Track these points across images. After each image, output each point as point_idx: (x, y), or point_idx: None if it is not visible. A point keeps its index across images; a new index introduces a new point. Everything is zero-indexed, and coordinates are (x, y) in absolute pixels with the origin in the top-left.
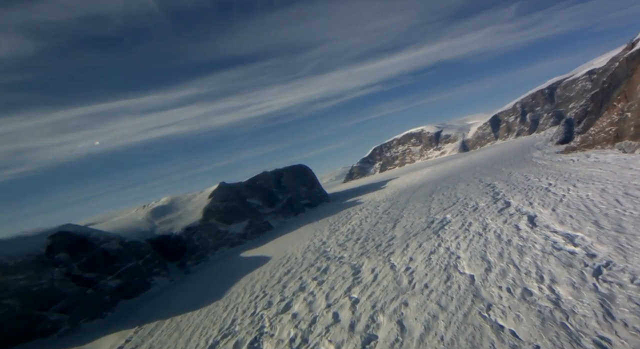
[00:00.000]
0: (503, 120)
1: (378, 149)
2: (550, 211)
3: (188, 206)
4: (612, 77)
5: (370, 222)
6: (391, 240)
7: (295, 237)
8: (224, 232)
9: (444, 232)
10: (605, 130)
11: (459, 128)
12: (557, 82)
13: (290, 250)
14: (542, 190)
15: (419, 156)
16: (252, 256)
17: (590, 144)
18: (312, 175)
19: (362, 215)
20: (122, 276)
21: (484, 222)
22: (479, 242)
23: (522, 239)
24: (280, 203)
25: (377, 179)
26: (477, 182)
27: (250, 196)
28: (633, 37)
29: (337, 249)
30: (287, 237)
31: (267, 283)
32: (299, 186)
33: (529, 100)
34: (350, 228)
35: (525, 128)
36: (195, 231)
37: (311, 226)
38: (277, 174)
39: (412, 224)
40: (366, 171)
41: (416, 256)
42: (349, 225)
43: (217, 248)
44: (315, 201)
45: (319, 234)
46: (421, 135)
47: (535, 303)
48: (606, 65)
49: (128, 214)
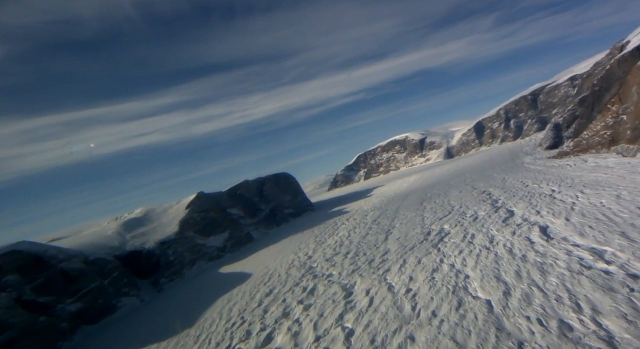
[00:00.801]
0: (487, 126)
1: (362, 156)
2: (563, 220)
3: (163, 218)
4: (604, 80)
5: (359, 234)
6: (385, 254)
7: (279, 251)
8: (201, 245)
9: (445, 246)
10: (599, 134)
11: (443, 135)
12: (540, 88)
13: (273, 265)
14: (547, 197)
15: (404, 163)
16: (231, 272)
17: (584, 149)
18: (295, 183)
19: (349, 225)
20: (83, 299)
21: (489, 234)
22: (488, 258)
23: (540, 254)
24: (262, 213)
25: (362, 186)
26: (470, 189)
27: (230, 206)
28: (622, 40)
29: (325, 264)
30: (270, 250)
31: (246, 306)
32: (282, 194)
33: (512, 106)
34: (337, 240)
35: (510, 134)
36: (170, 245)
37: (295, 237)
38: (259, 182)
39: (407, 236)
40: (350, 178)
41: (416, 274)
42: (336, 237)
43: (194, 263)
44: (299, 211)
45: (304, 247)
46: (405, 142)
47: (582, 343)
48: (590, 70)
49: (99, 227)
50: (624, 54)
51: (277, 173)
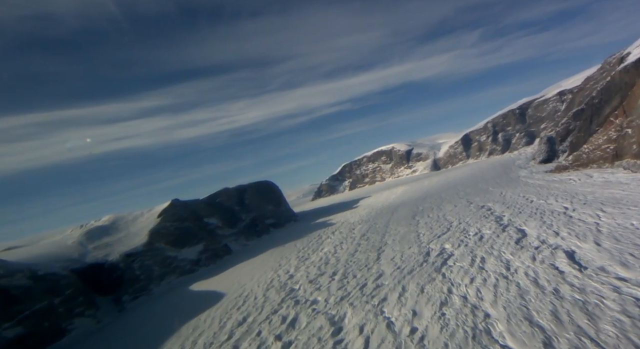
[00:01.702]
0: (474, 139)
1: (348, 166)
2: (592, 245)
3: (132, 227)
4: (603, 92)
5: (347, 250)
6: (379, 278)
7: (257, 266)
8: (172, 258)
9: (450, 271)
10: (601, 148)
11: (430, 146)
12: (528, 102)
13: (250, 285)
14: (561, 215)
15: (390, 174)
16: (203, 291)
17: (584, 163)
18: (278, 192)
19: (335, 240)
20: (25, 322)
21: (503, 259)
22: (509, 291)
23: (577, 289)
24: (242, 223)
25: (347, 197)
26: (466, 204)
27: (208, 215)
28: (621, 51)
29: (309, 287)
30: (248, 266)
31: (213, 338)
32: (264, 204)
33: (500, 119)
34: (322, 257)
35: (498, 148)
36: (138, 257)
37: (276, 251)
38: (240, 190)
39: (402, 256)
40: (335, 188)
41: (421, 307)
42: (320, 253)
43: (163, 278)
44: (281, 221)
45: (285, 263)
46: (392, 153)
47: None
48: (581, 85)
49: (60, 237)
50: (626, 65)
51: (259, 181)
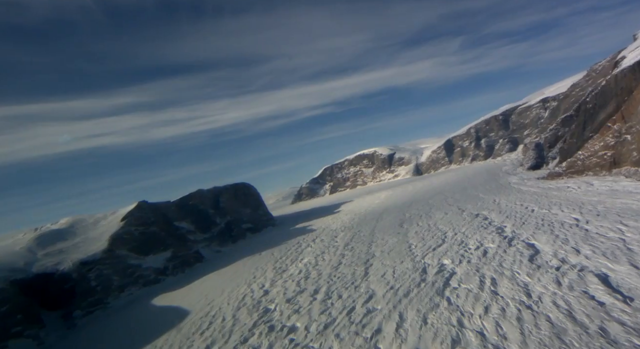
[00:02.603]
0: (457, 144)
1: (329, 169)
2: (629, 268)
3: (92, 231)
4: (598, 97)
5: (329, 263)
6: (370, 301)
7: (229, 278)
8: (135, 266)
9: (457, 295)
10: (598, 154)
11: (412, 151)
12: (511, 109)
13: (219, 301)
14: (573, 228)
15: (371, 178)
16: (166, 307)
17: (579, 170)
18: (256, 195)
19: (316, 249)
20: None
21: (519, 281)
22: (540, 329)
23: (632, 330)
24: (217, 228)
25: (328, 201)
26: (458, 211)
27: (179, 219)
28: (615, 56)
29: (286, 308)
30: (219, 276)
31: None
32: (240, 207)
33: (482, 125)
34: (302, 269)
35: (481, 153)
36: (95, 266)
37: (252, 259)
38: (216, 193)
39: (395, 273)
40: (316, 192)
41: (427, 346)
42: (300, 264)
43: (124, 289)
44: (259, 226)
45: (261, 275)
46: (374, 156)
47: None
48: (566, 92)
49: (10, 241)
50: (622, 69)
51: (236, 183)
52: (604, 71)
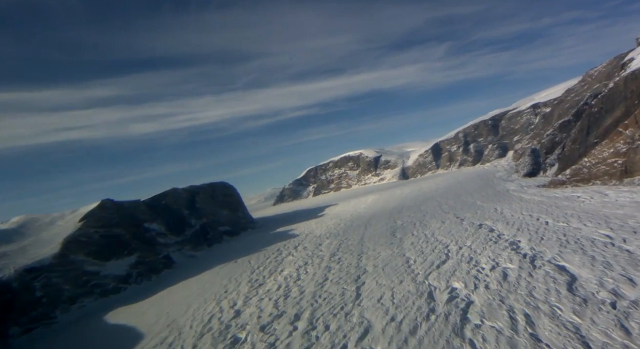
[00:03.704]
0: (445, 149)
1: (313, 171)
2: None
3: (44, 233)
4: (605, 101)
5: (313, 277)
6: (365, 338)
7: (198, 290)
8: (92, 274)
9: (483, 339)
10: (607, 162)
11: (398, 154)
12: (500, 114)
13: (181, 321)
14: (609, 247)
15: (356, 181)
16: (119, 325)
17: (585, 179)
18: (236, 196)
19: (298, 258)
20: None
21: (566, 322)
22: None
23: None
24: (191, 230)
25: (311, 204)
26: (456, 220)
27: (149, 220)
28: (613, 62)
29: (259, 340)
30: (187, 287)
31: None
32: (218, 208)
33: (471, 130)
34: (282, 284)
35: (469, 159)
36: (42, 274)
37: (226, 268)
38: (192, 192)
39: (394, 297)
40: (299, 193)
41: None
42: (279, 277)
43: (76, 301)
44: (237, 228)
45: (234, 289)
46: (359, 159)
47: None
48: (561, 97)
49: None
50: (633, 71)
51: (214, 182)
52: (600, 76)
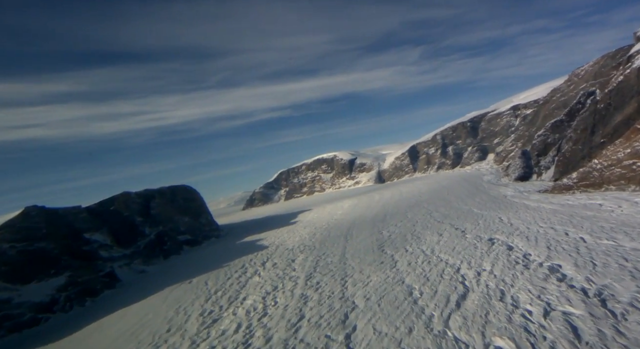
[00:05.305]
0: (422, 151)
1: (284, 174)
2: None
3: None
4: (613, 97)
5: (284, 313)
6: None
7: (134, 326)
8: (2, 302)
9: None
10: (622, 164)
11: (374, 157)
12: (480, 116)
13: None
14: None
15: (330, 184)
16: None
17: (596, 183)
18: (199, 200)
19: (267, 280)
20: None
21: None
22: None
23: None
24: (144, 240)
25: (283, 209)
26: (456, 232)
27: (92, 230)
28: (600, 61)
29: None
30: (123, 319)
31: None
32: (178, 215)
33: (449, 132)
34: (242, 323)
35: (448, 162)
36: None
37: (177, 291)
38: (146, 196)
39: None
40: (270, 197)
41: None
42: (240, 310)
43: None
44: (199, 237)
45: (179, 327)
46: (334, 161)
47: None
48: (547, 97)
49: None
50: None
51: (174, 186)
52: (587, 76)
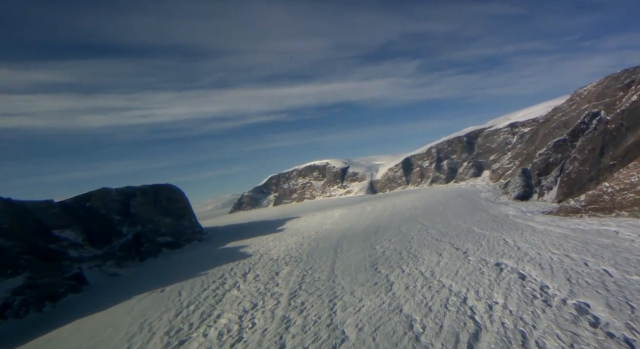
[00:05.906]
0: (416, 164)
1: (275, 178)
2: None
3: None
4: (626, 117)
5: (261, 341)
6: None
7: (89, 341)
8: None
9: None
10: (635, 189)
11: (366, 167)
12: (476, 131)
13: None
14: None
15: (321, 192)
16: None
17: (607, 208)
18: (183, 201)
19: (246, 295)
20: None
21: None
22: None
23: None
24: (120, 240)
25: (271, 214)
26: (456, 252)
27: (63, 226)
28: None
29: None
30: (78, 332)
31: None
32: (159, 215)
33: (444, 146)
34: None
35: (442, 176)
36: None
37: (145, 301)
38: (127, 194)
39: None
40: (258, 202)
41: None
42: (211, 331)
43: None
44: (181, 240)
45: (140, 344)
46: (326, 169)
47: None
48: (547, 115)
49: None
50: None
51: (157, 184)
52: (590, 97)
